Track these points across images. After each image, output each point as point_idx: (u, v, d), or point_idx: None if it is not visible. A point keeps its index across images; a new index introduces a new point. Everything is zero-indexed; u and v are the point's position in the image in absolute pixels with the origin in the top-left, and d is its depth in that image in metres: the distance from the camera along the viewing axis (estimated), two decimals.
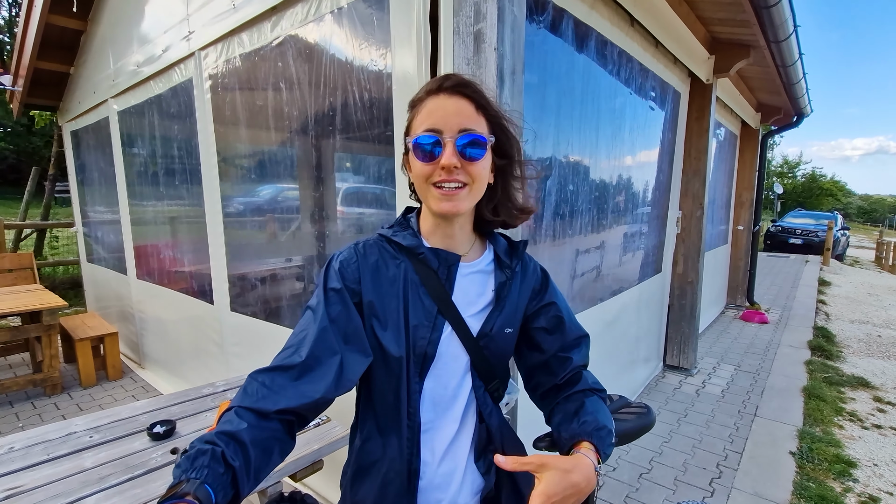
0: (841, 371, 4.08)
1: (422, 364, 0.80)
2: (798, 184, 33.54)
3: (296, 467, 1.38)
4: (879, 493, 2.40)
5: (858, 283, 8.98)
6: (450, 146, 0.74)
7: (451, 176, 0.74)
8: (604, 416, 0.78)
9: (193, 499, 0.54)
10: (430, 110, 0.76)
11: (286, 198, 2.50)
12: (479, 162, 0.76)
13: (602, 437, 0.75)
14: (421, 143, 0.75)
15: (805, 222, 13.90)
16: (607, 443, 0.75)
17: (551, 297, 0.90)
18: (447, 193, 0.75)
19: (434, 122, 0.75)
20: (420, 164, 0.76)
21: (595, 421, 0.76)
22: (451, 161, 0.73)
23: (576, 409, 0.80)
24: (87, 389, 3.46)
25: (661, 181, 3.50)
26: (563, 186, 2.31)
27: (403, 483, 0.80)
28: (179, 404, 1.71)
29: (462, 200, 0.76)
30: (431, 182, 0.76)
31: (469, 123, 0.75)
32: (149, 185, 3.41)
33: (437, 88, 0.77)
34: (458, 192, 0.75)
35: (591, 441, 0.74)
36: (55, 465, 1.31)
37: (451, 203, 0.76)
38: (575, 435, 0.76)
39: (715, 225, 5.42)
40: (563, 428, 0.80)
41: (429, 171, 0.76)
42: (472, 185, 0.76)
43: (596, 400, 0.82)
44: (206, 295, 2.81)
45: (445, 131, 0.74)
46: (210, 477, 0.58)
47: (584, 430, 0.75)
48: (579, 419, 0.77)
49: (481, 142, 0.75)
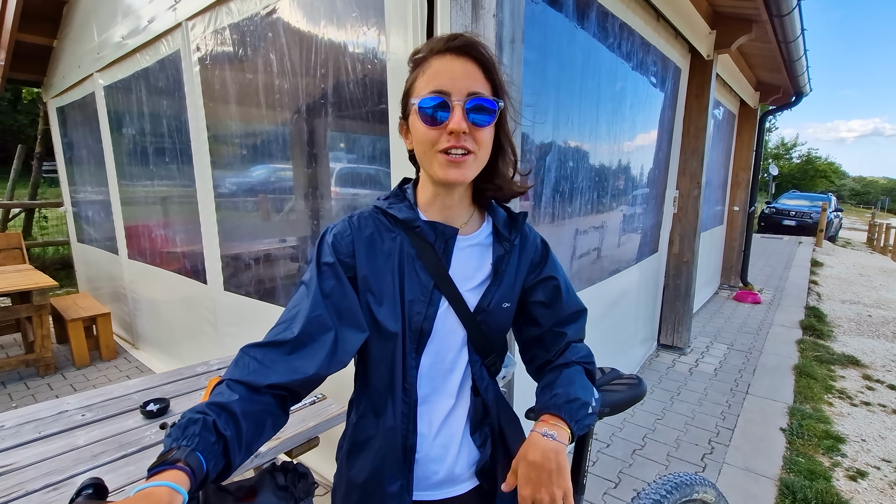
0: (832, 350, 4.14)
1: (418, 339, 0.78)
2: (794, 165, 33.56)
3: (292, 444, 1.37)
4: (866, 468, 2.45)
5: (850, 264, 9.07)
6: (458, 110, 0.69)
7: (459, 142, 0.70)
8: (577, 388, 0.77)
9: (184, 465, 0.53)
10: (437, 71, 0.71)
11: (279, 178, 2.44)
12: (486, 128, 0.73)
13: (573, 409, 0.74)
14: (426, 105, 0.70)
15: (799, 204, 13.96)
16: (580, 414, 0.74)
17: (550, 271, 0.88)
18: (454, 160, 0.71)
19: (441, 83, 0.70)
20: (424, 128, 0.72)
21: (566, 394, 0.75)
22: (460, 126, 0.69)
23: (551, 382, 0.79)
24: (80, 370, 3.44)
25: (660, 159, 3.47)
26: (562, 163, 2.27)
27: (399, 458, 0.80)
28: (173, 383, 1.70)
29: (469, 168, 0.73)
30: (438, 149, 0.72)
31: (478, 87, 0.71)
32: (138, 164, 3.34)
33: (444, 48, 0.72)
34: (465, 159, 0.72)
35: (558, 414, 0.73)
36: (47, 443, 1.29)
37: (459, 171, 0.72)
38: (542, 408, 0.76)
39: (711, 205, 5.41)
40: (538, 401, 0.80)
41: (434, 136, 0.71)
42: (479, 152, 0.73)
43: (575, 371, 0.81)
44: (200, 275, 2.77)
45: (454, 94, 0.69)
46: (201, 445, 0.56)
47: (554, 404, 0.75)
48: (551, 392, 0.77)
49: (490, 107, 0.71)
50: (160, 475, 0.52)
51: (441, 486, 0.84)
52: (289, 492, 0.65)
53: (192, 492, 0.53)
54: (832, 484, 2.29)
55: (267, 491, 0.65)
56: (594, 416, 0.78)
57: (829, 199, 13.48)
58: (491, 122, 0.73)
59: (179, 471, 0.52)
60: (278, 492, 0.65)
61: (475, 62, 0.71)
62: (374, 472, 0.80)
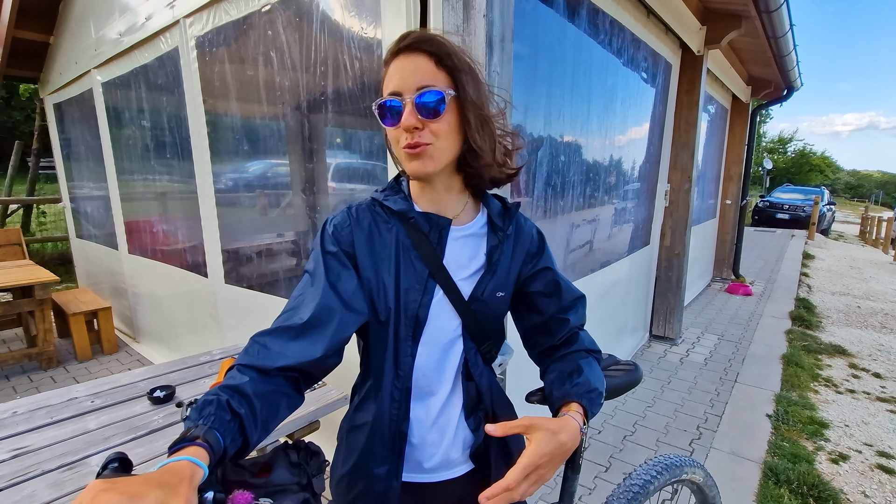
0: (819, 340, 4.23)
1: (414, 327, 0.81)
2: (788, 159, 33.71)
3: (293, 427, 1.43)
4: (848, 451, 2.54)
5: (841, 256, 9.18)
6: (409, 106, 0.72)
7: (413, 138, 0.73)
8: (596, 379, 0.81)
9: (203, 441, 0.56)
10: (391, 73, 0.75)
11: (277, 173, 2.49)
12: (440, 119, 0.74)
13: (592, 398, 0.77)
14: (383, 106, 0.75)
15: (792, 197, 14.07)
16: (596, 403, 0.78)
17: (546, 262, 0.90)
18: (413, 153, 0.75)
19: (395, 84, 0.74)
20: (386, 128, 0.77)
21: (587, 383, 0.78)
22: (409, 122, 0.72)
23: (570, 371, 0.82)
24: (82, 363, 3.50)
25: (652, 154, 3.53)
26: (554, 157, 2.33)
27: (388, 442, 0.82)
28: (177, 371, 1.76)
29: (429, 159, 0.75)
30: (401, 146, 0.76)
31: (427, 80, 0.72)
32: (138, 160, 3.37)
33: (397, 50, 0.74)
34: (424, 150, 0.74)
35: (580, 402, 0.76)
36: (59, 427, 1.35)
37: (419, 162, 0.75)
38: (566, 395, 0.78)
39: (704, 199, 5.48)
40: (555, 387, 0.82)
41: (396, 135, 0.76)
42: (437, 142, 0.74)
43: (591, 362, 0.84)
44: (200, 268, 2.82)
45: (405, 92, 0.73)
46: (217, 423, 0.59)
47: (576, 392, 0.77)
48: (572, 381, 0.79)
49: (438, 97, 0.72)
50: (181, 451, 0.54)
51: (437, 469, 0.87)
52: (301, 468, 0.69)
53: (212, 466, 0.56)
54: (814, 466, 2.37)
55: (281, 467, 0.68)
56: (602, 405, 0.81)
57: (822, 193, 13.60)
58: (440, 111, 0.73)
59: (199, 447, 0.55)
60: (292, 468, 0.68)
61: (426, 55, 0.73)
62: (363, 455, 0.83)
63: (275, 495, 0.68)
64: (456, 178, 0.84)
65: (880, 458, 2.49)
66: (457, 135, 0.77)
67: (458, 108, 0.75)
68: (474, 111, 0.76)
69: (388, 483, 0.83)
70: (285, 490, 0.70)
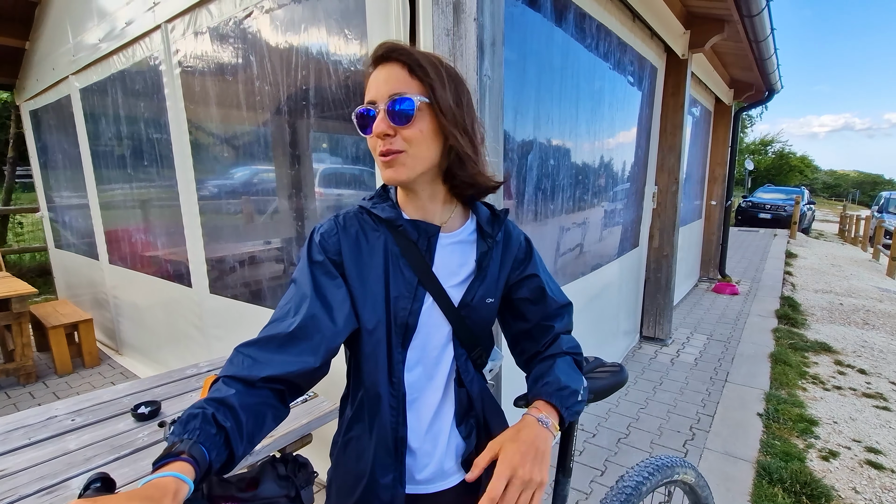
0: (805, 337, 4.30)
1: (403, 334, 0.81)
2: (769, 160, 34.44)
3: (285, 441, 1.39)
4: (838, 448, 2.57)
5: (823, 254, 9.38)
6: (380, 114, 0.73)
7: (387, 145, 0.74)
8: (568, 377, 0.81)
9: (188, 456, 0.55)
10: (369, 84, 0.76)
11: (262, 179, 2.45)
12: (410, 126, 0.73)
13: (564, 396, 0.78)
14: (358, 114, 0.75)
15: (774, 197, 14.37)
16: (571, 401, 0.78)
17: (533, 269, 0.90)
18: (387, 161, 0.75)
19: (370, 95, 0.75)
20: (367, 137, 0.77)
21: (557, 382, 0.79)
22: (380, 128, 0.73)
23: (543, 372, 0.82)
24: (62, 377, 3.38)
25: (639, 156, 3.56)
26: (544, 161, 2.32)
27: (390, 450, 0.82)
28: (163, 386, 1.70)
29: (401, 167, 0.75)
30: (376, 153, 0.76)
31: (399, 88, 0.73)
32: (118, 168, 3.29)
33: (372, 61, 0.76)
34: (396, 157, 0.74)
35: (549, 401, 0.77)
36: (37, 449, 1.29)
37: (392, 170, 0.75)
38: (535, 395, 0.79)
39: (690, 200, 5.55)
40: (530, 389, 0.83)
41: (372, 143, 0.76)
42: (410, 149, 0.74)
43: (565, 361, 0.84)
44: (184, 278, 2.75)
45: (378, 101, 0.73)
46: (203, 437, 0.58)
47: (545, 391, 0.78)
48: (543, 381, 0.80)
49: (409, 103, 0.72)
50: (166, 467, 0.54)
51: (431, 480, 0.86)
52: (290, 481, 0.67)
53: (197, 481, 0.55)
54: (806, 464, 2.39)
55: (269, 480, 0.67)
56: (583, 404, 0.81)
57: (802, 193, 13.91)
58: (411, 117, 0.72)
59: (184, 462, 0.55)
60: (280, 481, 0.67)
61: (398, 64, 0.73)
62: (368, 465, 0.82)
63: None
64: (440, 187, 0.83)
65: (869, 454, 2.52)
66: (432, 142, 0.76)
67: (432, 116, 0.75)
68: (451, 118, 0.75)
69: (394, 491, 0.82)
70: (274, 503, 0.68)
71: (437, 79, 0.74)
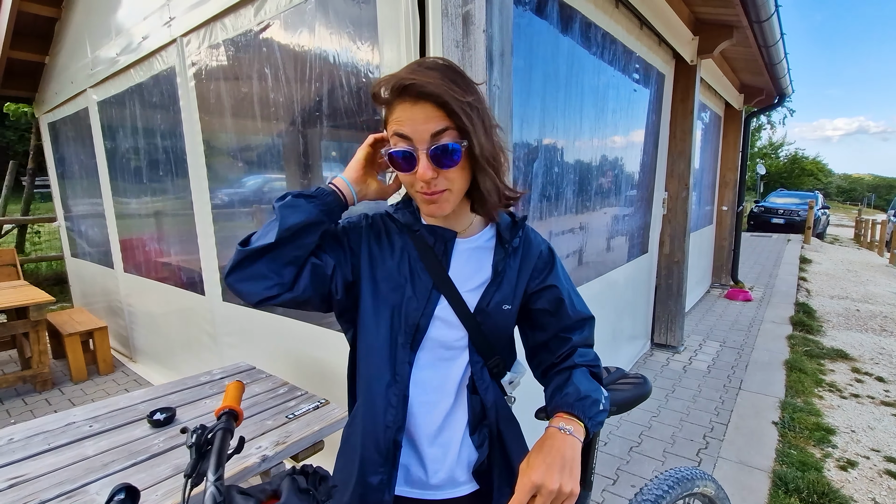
0: (821, 344, 4.22)
1: (413, 335, 0.82)
2: (781, 164, 34.04)
3: (298, 448, 1.40)
4: (857, 458, 2.52)
5: (838, 260, 9.23)
6: (423, 159, 0.72)
7: (432, 187, 0.75)
8: (587, 387, 0.79)
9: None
10: (398, 117, 0.73)
11: (273, 188, 2.48)
12: (454, 168, 0.74)
13: (585, 406, 0.76)
14: (396, 156, 0.75)
15: (787, 202, 14.18)
16: (593, 411, 0.77)
17: (553, 280, 0.89)
18: (431, 198, 0.76)
19: (404, 130, 0.73)
20: (400, 173, 0.78)
21: (577, 392, 0.78)
22: (426, 175, 0.73)
23: (560, 384, 0.82)
24: (78, 384, 3.44)
25: (647, 163, 3.55)
26: (549, 169, 2.33)
27: (382, 451, 0.82)
28: (177, 392, 1.72)
29: (445, 202, 0.77)
30: (415, 190, 0.78)
31: (440, 126, 0.71)
32: (133, 178, 3.36)
33: (401, 93, 0.72)
34: (440, 195, 0.76)
35: (571, 412, 0.76)
36: (57, 454, 1.32)
37: (436, 206, 0.77)
38: (556, 407, 0.78)
39: (700, 206, 5.51)
40: (549, 402, 0.82)
41: (409, 179, 0.77)
42: (453, 187, 0.76)
43: (581, 372, 0.83)
44: (197, 286, 2.79)
45: (417, 141, 0.72)
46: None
47: (566, 402, 0.77)
48: (562, 392, 0.79)
49: (454, 150, 0.72)
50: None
51: (442, 486, 0.86)
52: (310, 494, 0.67)
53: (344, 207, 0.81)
54: (823, 474, 2.35)
55: (289, 494, 0.66)
56: (605, 414, 0.80)
57: (815, 197, 13.71)
58: (457, 162, 0.73)
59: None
60: (300, 494, 0.66)
61: (432, 103, 0.71)
62: (357, 462, 0.83)
63: None
64: (464, 201, 0.84)
65: (889, 464, 2.47)
66: (469, 175, 0.78)
67: (468, 154, 0.75)
68: (485, 158, 0.76)
69: (381, 496, 0.82)
70: None
71: (471, 120, 0.73)
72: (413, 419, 0.84)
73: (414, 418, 0.84)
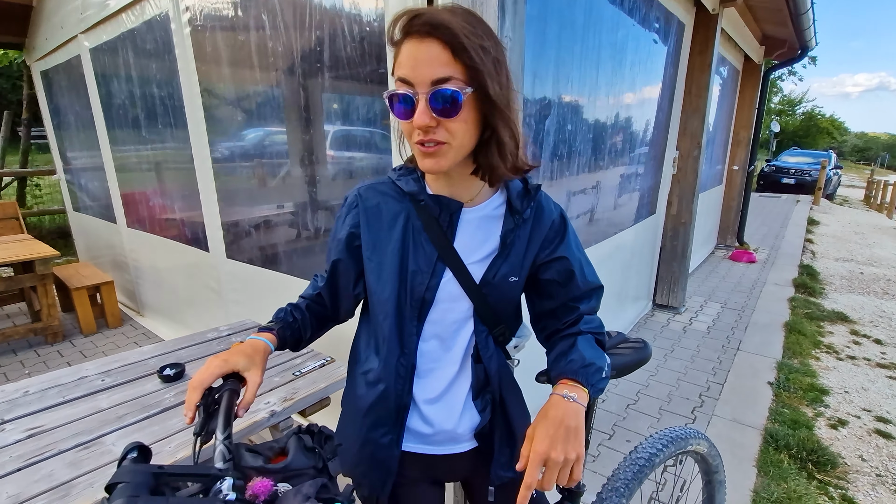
0: (822, 307, 4.25)
1: (420, 308, 0.82)
2: (796, 122, 32.98)
3: (304, 404, 1.44)
4: (847, 417, 2.59)
5: (846, 222, 9.13)
6: (422, 103, 0.67)
7: (428, 135, 0.69)
8: (592, 354, 0.79)
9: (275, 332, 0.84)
10: (402, 57, 0.68)
11: (274, 141, 2.42)
12: (456, 118, 0.68)
13: (589, 373, 0.76)
14: (394, 100, 0.70)
15: (799, 161, 13.85)
16: (596, 378, 0.77)
17: (565, 250, 0.86)
18: (428, 151, 0.71)
19: (405, 71, 0.67)
20: (398, 120, 0.72)
21: (581, 359, 0.77)
22: (423, 121, 0.67)
23: (565, 350, 0.81)
24: (88, 337, 3.52)
25: (661, 120, 3.43)
26: (561, 126, 2.25)
27: (392, 414, 0.85)
28: (186, 348, 1.76)
29: (443, 157, 0.71)
30: (413, 140, 0.72)
31: (444, 72, 0.65)
32: (131, 129, 3.28)
33: (407, 30, 0.66)
34: (439, 149, 0.70)
35: (575, 379, 0.75)
36: (72, 407, 1.36)
37: (433, 160, 0.71)
38: (560, 373, 0.78)
39: (711, 165, 5.38)
40: (553, 367, 0.82)
41: (408, 128, 0.72)
42: (453, 141, 0.70)
43: (586, 339, 0.83)
44: (201, 242, 2.79)
45: (417, 84, 0.67)
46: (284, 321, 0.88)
47: (570, 369, 0.77)
48: (566, 358, 0.79)
49: (456, 97, 0.66)
50: (259, 334, 0.81)
51: (444, 443, 0.89)
52: (316, 452, 0.69)
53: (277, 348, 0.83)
54: (814, 432, 2.42)
55: (296, 452, 0.69)
56: (607, 380, 0.80)
57: (829, 157, 13.37)
58: (458, 110, 0.67)
59: (272, 334, 0.82)
60: (306, 452, 0.69)
61: (440, 43, 0.65)
62: (368, 425, 0.86)
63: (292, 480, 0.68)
64: (470, 165, 0.79)
65: (878, 423, 2.54)
66: (475, 129, 0.72)
67: (477, 104, 0.70)
68: (495, 107, 0.70)
69: (390, 452, 0.87)
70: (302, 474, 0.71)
71: (483, 62, 0.66)
72: (418, 383, 0.87)
73: (419, 383, 0.87)
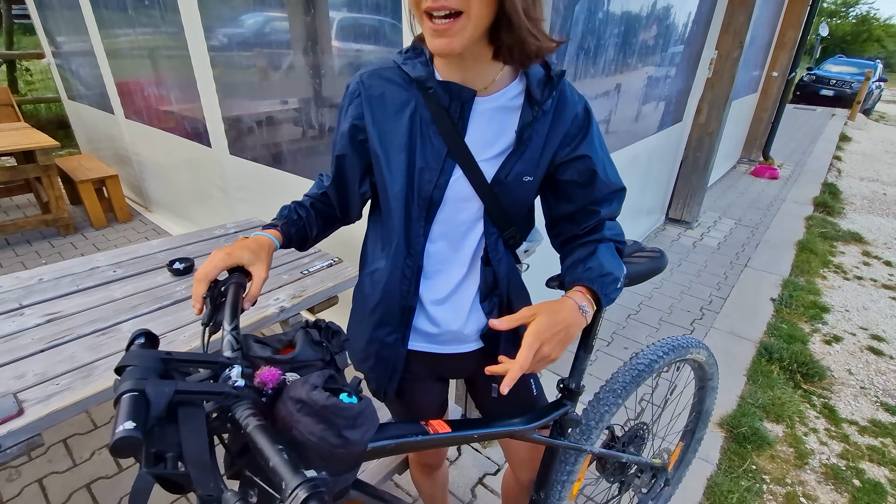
0: (838, 227, 4.17)
1: (427, 208, 0.78)
2: (848, 25, 29.74)
3: (313, 301, 1.46)
4: (843, 334, 2.65)
5: (879, 139, 8.64)
6: None
7: (439, 2, 0.59)
8: (610, 264, 0.77)
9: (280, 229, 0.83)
10: None
11: (274, 29, 2.19)
12: None
13: (605, 283, 0.75)
14: None
15: (843, 71, 12.71)
16: (611, 288, 0.76)
17: (587, 149, 0.78)
18: (438, 28, 0.61)
19: None
20: None
21: (600, 267, 0.75)
22: None
23: (585, 256, 0.79)
24: (99, 230, 3.56)
25: (702, 13, 3.05)
26: (592, 14, 2.00)
27: (397, 315, 0.85)
28: (193, 244, 1.75)
29: (456, 35, 0.62)
30: (422, 8, 0.61)
31: None
32: (118, 9, 2.98)
33: None
34: (452, 25, 0.61)
35: (591, 287, 0.74)
36: (86, 295, 1.39)
37: (444, 39, 0.62)
38: (576, 280, 0.76)
39: (748, 70, 4.93)
40: (569, 272, 0.80)
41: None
42: (470, 10, 0.60)
43: (608, 247, 0.80)
44: (203, 137, 2.68)
45: None
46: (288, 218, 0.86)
47: (587, 277, 0.75)
48: (585, 265, 0.77)
49: None
50: (266, 231, 0.80)
51: (449, 342, 0.90)
52: (323, 346, 0.69)
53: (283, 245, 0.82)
54: (808, 346, 2.49)
55: (303, 345, 0.69)
56: (620, 291, 0.79)
57: (875, 67, 12.24)
58: None
59: (277, 231, 0.81)
60: (314, 346, 0.69)
61: None
62: (374, 324, 0.87)
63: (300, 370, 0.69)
64: (486, 46, 0.68)
65: (872, 341, 2.60)
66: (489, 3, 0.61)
67: None
68: None
69: (396, 350, 0.88)
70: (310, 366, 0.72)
71: None
72: (425, 284, 0.85)
73: (426, 284, 0.85)
